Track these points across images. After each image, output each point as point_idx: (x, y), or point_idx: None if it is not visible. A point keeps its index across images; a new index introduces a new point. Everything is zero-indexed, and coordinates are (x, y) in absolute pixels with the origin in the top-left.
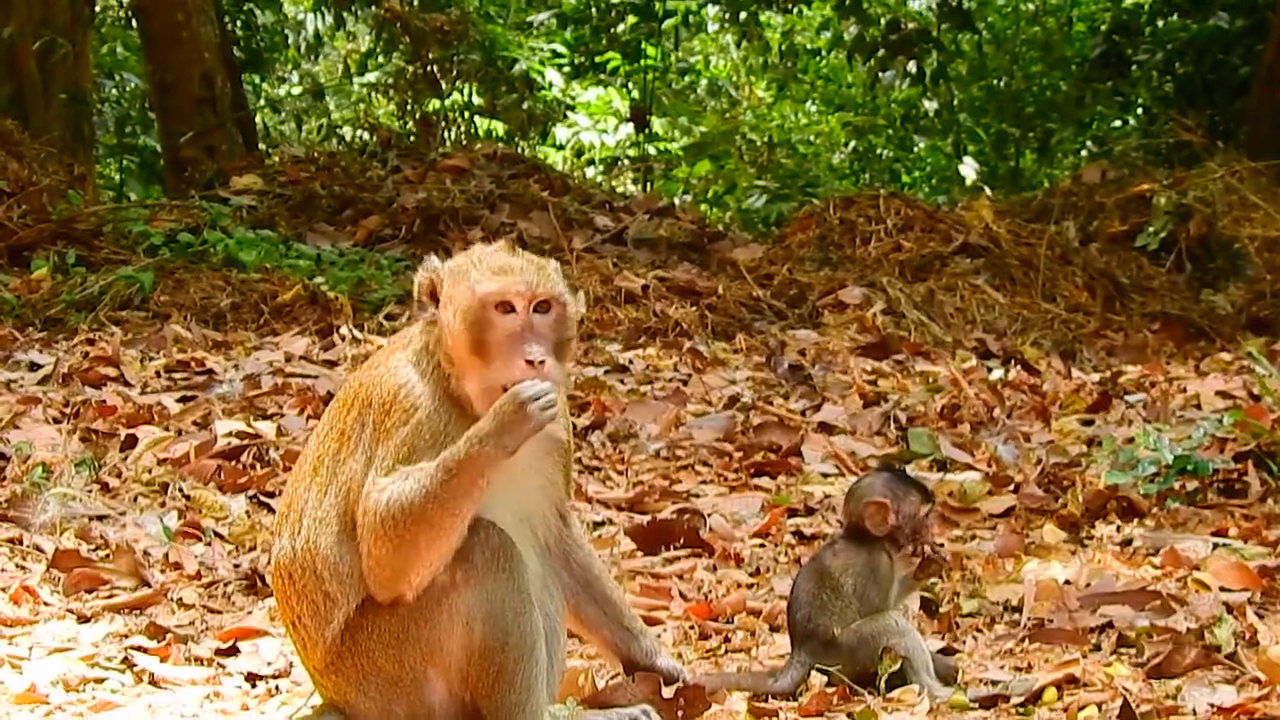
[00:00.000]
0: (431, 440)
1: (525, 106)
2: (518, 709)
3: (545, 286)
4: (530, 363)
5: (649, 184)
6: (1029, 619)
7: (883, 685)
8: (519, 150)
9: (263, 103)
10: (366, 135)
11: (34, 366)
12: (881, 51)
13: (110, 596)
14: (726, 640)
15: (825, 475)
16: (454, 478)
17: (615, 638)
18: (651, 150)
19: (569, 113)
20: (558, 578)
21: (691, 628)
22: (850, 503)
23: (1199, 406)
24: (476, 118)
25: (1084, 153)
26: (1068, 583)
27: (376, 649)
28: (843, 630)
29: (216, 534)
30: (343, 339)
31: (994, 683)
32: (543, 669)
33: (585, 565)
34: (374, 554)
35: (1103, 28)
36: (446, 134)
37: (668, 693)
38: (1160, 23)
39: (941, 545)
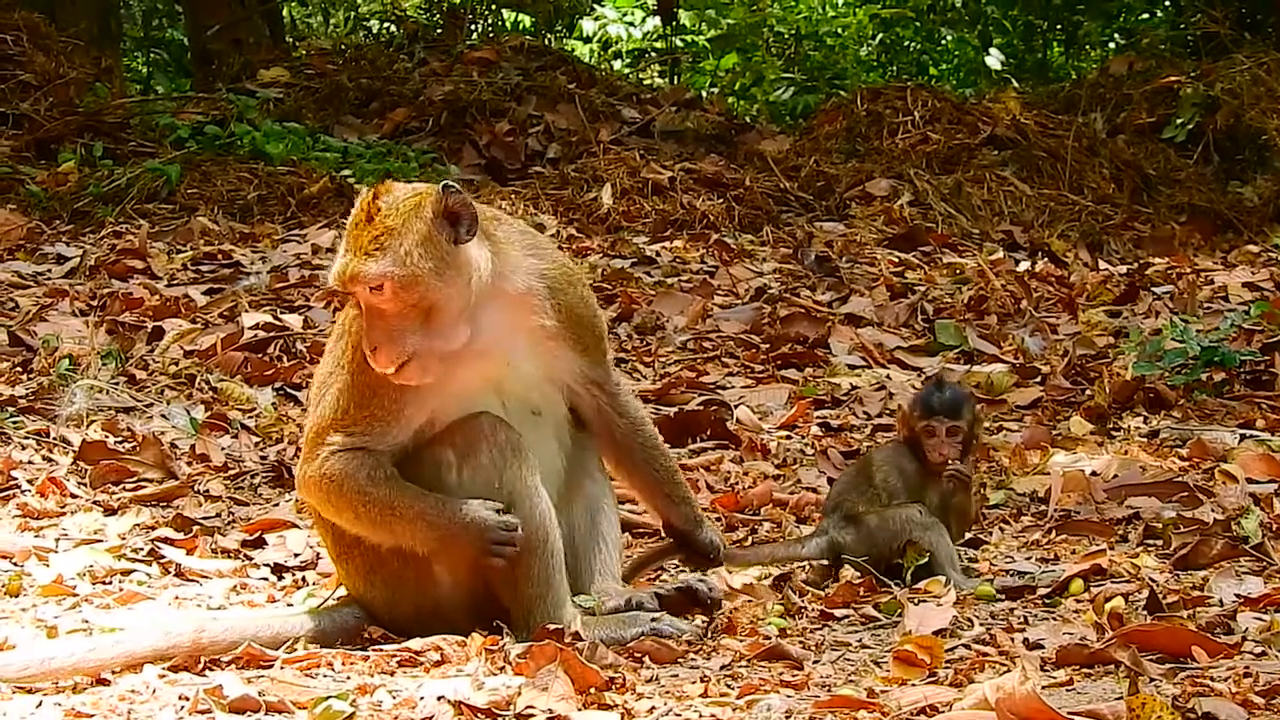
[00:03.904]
0: (374, 386)
1: None
2: (538, 600)
3: (362, 274)
4: (372, 354)
5: (676, 76)
6: (1056, 510)
7: (909, 578)
8: (546, 42)
9: None
10: (394, 28)
11: (61, 259)
12: None
13: (137, 489)
14: (753, 531)
15: (852, 367)
16: (395, 517)
17: (657, 502)
18: (678, 42)
19: (596, 5)
20: (596, 457)
21: (718, 519)
22: (904, 406)
23: (1226, 298)
24: (503, 10)
25: (1111, 44)
26: (1094, 474)
27: None
28: (867, 510)
29: (243, 426)
30: None
31: (1021, 574)
32: (559, 560)
33: (630, 433)
34: (307, 488)
35: None
36: (474, 26)
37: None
38: None
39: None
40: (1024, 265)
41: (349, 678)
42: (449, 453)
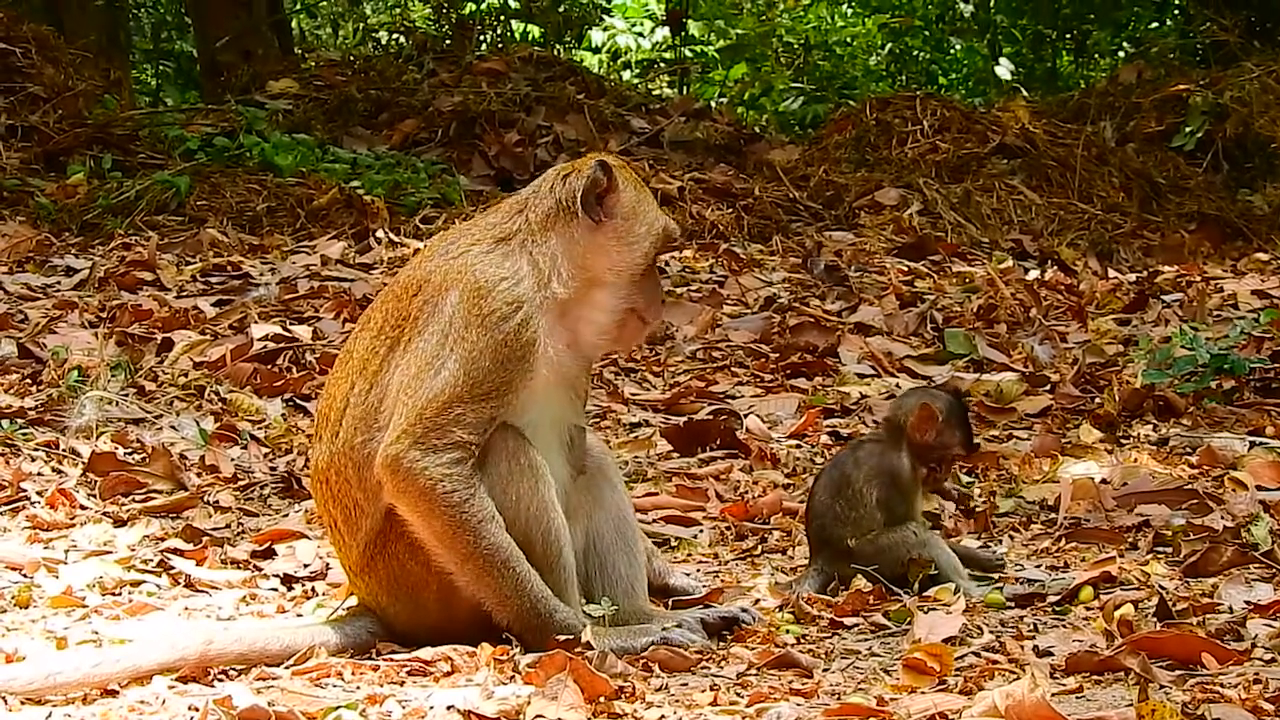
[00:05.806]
0: (523, 351)
1: (561, 9)
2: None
3: None
4: (663, 302)
5: (685, 86)
6: (1065, 518)
7: (917, 586)
8: (555, 53)
9: (299, 6)
10: (402, 38)
11: (70, 271)
12: None
13: (146, 500)
14: (762, 540)
15: (861, 376)
16: (494, 572)
17: None
18: (688, 53)
19: (605, 15)
20: (615, 467)
21: (728, 528)
22: (905, 400)
23: (1235, 306)
24: (512, 20)
25: (1120, 53)
26: (1104, 482)
27: (405, 554)
28: (859, 541)
29: (253, 437)
30: (379, 242)
31: (1031, 581)
32: (571, 573)
33: None
34: (412, 478)
35: None
36: (482, 37)
37: None
38: None
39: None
40: (1033, 274)
41: (359, 687)
42: None
